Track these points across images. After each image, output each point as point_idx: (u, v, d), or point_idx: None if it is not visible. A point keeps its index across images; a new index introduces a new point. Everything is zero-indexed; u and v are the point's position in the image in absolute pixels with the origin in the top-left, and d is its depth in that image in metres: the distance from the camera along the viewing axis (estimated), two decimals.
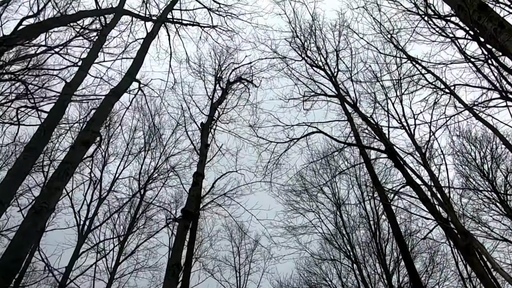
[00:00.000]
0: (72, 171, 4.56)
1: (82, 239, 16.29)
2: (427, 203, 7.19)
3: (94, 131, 5.15)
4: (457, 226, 6.28)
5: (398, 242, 9.48)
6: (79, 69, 6.36)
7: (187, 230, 5.16)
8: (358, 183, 20.84)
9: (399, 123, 15.82)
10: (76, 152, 4.75)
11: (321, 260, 20.87)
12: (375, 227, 19.02)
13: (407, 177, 7.96)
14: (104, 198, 18.23)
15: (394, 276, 18.48)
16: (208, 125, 7.91)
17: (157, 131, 15.38)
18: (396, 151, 8.54)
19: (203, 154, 6.71)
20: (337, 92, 14.56)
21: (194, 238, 10.46)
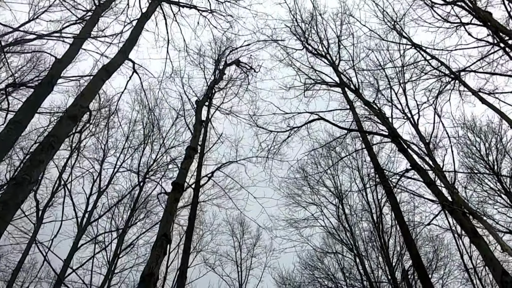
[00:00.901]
0: (58, 145, 4.33)
1: (81, 232, 16.11)
2: (432, 185, 6.93)
3: (83, 106, 4.93)
4: (465, 206, 6.03)
5: (402, 229, 9.22)
6: (71, 46, 6.13)
7: (177, 202, 4.94)
8: (360, 175, 20.60)
9: (403, 113, 15.58)
10: (63, 126, 4.52)
11: (323, 254, 20.60)
12: (377, 219, 18.76)
13: (411, 161, 7.70)
14: (104, 191, 18.05)
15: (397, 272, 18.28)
16: (203, 102, 7.68)
17: (157, 123, 15.14)
18: (399, 134, 8.28)
19: (197, 130, 6.48)
20: (339, 79, 14.31)
21: (193, 227, 10.26)
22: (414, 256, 8.40)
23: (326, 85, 14.57)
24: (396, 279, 17.17)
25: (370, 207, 19.03)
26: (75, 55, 6.20)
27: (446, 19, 12.01)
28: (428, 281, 7.87)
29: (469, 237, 6.15)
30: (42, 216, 14.22)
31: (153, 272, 3.92)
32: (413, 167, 7.54)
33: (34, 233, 13.84)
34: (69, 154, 15.59)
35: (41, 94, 4.98)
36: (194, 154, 5.93)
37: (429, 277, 8.38)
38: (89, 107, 5.12)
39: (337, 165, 21.23)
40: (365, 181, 18.31)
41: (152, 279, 3.86)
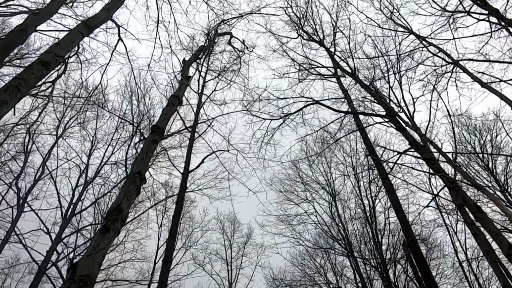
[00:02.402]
0: (25, 89, 3.89)
1: (65, 222, 15.50)
2: (432, 161, 6.58)
3: (57, 55, 4.49)
4: (468, 179, 5.69)
5: (398, 214, 8.86)
6: (51, 2, 5.68)
7: (155, 144, 4.51)
8: (354, 173, 20.28)
9: (398, 106, 15.32)
10: (33, 70, 4.09)
11: (315, 250, 20.16)
12: (371, 216, 18.42)
13: (409, 139, 7.36)
14: (90, 183, 17.49)
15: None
16: (190, 61, 7.26)
17: (146, 111, 14.61)
18: (397, 113, 7.95)
19: (183, 83, 6.07)
20: (334, 69, 14.01)
21: (180, 211, 9.80)
22: (411, 241, 8.03)
23: (321, 76, 14.29)
24: (389, 276, 16.78)
25: (363, 203, 18.68)
26: (54, 12, 5.76)
27: (444, 8, 11.81)
28: (426, 267, 7.50)
29: (472, 213, 5.81)
30: (23, 204, 13.60)
31: (121, 207, 3.48)
32: (411, 145, 7.20)
33: (13, 222, 13.22)
34: (54, 141, 15.02)
35: (12, 40, 4.54)
36: (177, 103, 5.51)
37: (427, 263, 8.01)
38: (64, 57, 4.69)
39: (331, 160, 20.95)
40: (359, 174, 17.93)
41: (120, 215, 3.42)
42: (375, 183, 19.61)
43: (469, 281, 14.96)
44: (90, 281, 2.83)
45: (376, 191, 17.22)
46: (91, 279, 2.86)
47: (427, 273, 7.14)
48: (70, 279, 2.82)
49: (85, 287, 2.78)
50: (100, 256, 3.08)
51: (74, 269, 2.87)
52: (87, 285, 2.79)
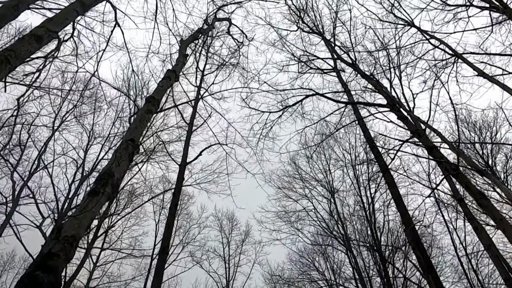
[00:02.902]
0: (15, 61, 3.72)
1: (61, 218, 15.30)
2: (434, 149, 6.45)
3: (50, 30, 4.33)
4: (472, 165, 5.56)
5: (398, 207, 8.71)
6: None
7: (149, 114, 4.34)
8: (354, 172, 20.18)
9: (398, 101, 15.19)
10: (24, 43, 3.92)
11: (314, 247, 20.02)
12: (369, 214, 18.31)
13: (411, 128, 7.23)
14: (86, 178, 17.29)
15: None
16: (188, 41, 7.11)
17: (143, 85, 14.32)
18: (399, 101, 7.82)
19: (180, 60, 5.92)
20: (333, 63, 13.88)
21: (177, 202, 9.65)
22: (413, 234, 7.89)
23: (320, 70, 14.16)
24: (388, 273, 16.64)
25: (362, 200, 18.56)
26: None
27: (445, 2, 11.69)
28: (427, 259, 7.36)
29: (476, 200, 5.67)
30: (18, 197, 13.41)
31: (112, 171, 3.32)
32: (413, 133, 7.07)
33: (8, 215, 13.02)
34: (50, 134, 14.84)
35: (4, 15, 4.37)
36: (173, 77, 5.35)
37: (428, 256, 7.86)
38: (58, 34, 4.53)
39: (330, 157, 20.83)
40: (358, 165, 17.80)
41: (110, 179, 3.26)
42: (374, 181, 19.54)
43: (469, 278, 14.85)
44: (75, 242, 2.66)
45: (376, 185, 17.03)
46: (76, 240, 2.69)
47: (429, 265, 7.00)
48: (54, 239, 2.66)
49: (71, 248, 2.62)
50: (88, 219, 2.92)
51: (59, 229, 2.72)
52: (72, 246, 2.63)
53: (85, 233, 2.90)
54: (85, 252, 13.51)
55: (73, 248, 2.63)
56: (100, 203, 3.08)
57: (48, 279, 2.22)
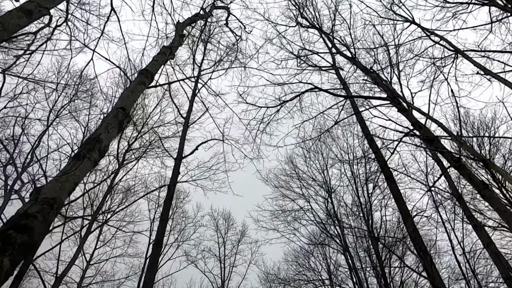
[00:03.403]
0: (2, 33, 3.55)
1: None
2: (436, 141, 6.31)
3: (41, 5, 4.15)
4: (476, 155, 5.42)
5: (397, 203, 8.57)
6: None
7: (142, 86, 4.17)
8: (351, 171, 20.05)
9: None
10: (12, 16, 3.75)
11: (309, 246, 19.83)
12: (367, 213, 18.16)
13: (412, 120, 7.09)
14: None
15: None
16: (184, 24, 6.92)
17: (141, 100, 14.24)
18: (399, 94, 7.69)
19: (176, 39, 5.74)
20: (332, 60, 13.77)
21: (172, 196, 9.46)
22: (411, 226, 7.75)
23: (319, 68, 14.04)
24: (385, 273, 16.48)
25: (360, 199, 18.41)
26: None
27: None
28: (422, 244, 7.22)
29: (479, 191, 5.53)
30: (10, 191, 13.14)
31: (99, 137, 3.14)
32: (414, 126, 6.94)
33: (0, 209, 12.76)
34: (44, 128, 14.60)
35: None
36: (168, 53, 5.18)
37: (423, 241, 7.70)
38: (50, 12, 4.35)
39: (328, 156, 20.69)
40: (355, 160, 17.68)
41: (97, 145, 3.08)
42: (372, 181, 19.41)
43: (466, 279, 14.71)
44: (56, 205, 2.48)
45: (374, 182, 16.89)
46: (57, 203, 2.51)
47: (425, 249, 6.88)
48: (32, 200, 2.47)
49: (51, 210, 2.43)
50: (71, 182, 2.73)
51: (38, 191, 2.53)
52: (52, 208, 2.44)
53: (67, 198, 2.69)
54: (77, 248, 13.26)
55: (53, 211, 2.44)
56: (85, 168, 2.90)
57: (22, 240, 2.03)
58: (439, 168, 11.91)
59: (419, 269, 15.21)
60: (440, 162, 12.44)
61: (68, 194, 2.72)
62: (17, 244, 2.01)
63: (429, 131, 6.59)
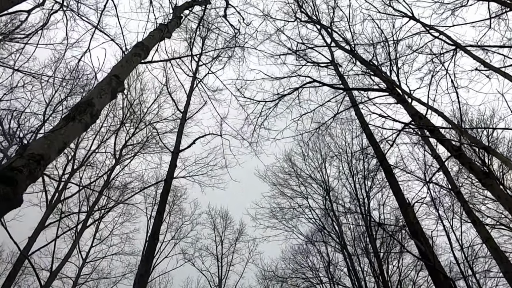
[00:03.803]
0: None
1: (49, 209, 14.90)
2: (436, 131, 6.24)
3: None
4: (476, 143, 5.36)
5: (396, 196, 8.49)
6: None
7: (137, 57, 4.07)
8: (349, 169, 20.01)
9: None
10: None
11: (307, 243, 19.74)
12: (365, 211, 18.11)
13: (412, 111, 7.03)
14: (76, 171, 16.93)
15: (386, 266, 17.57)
16: (182, 8, 6.82)
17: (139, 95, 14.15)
18: (398, 85, 7.64)
19: (174, 20, 5.66)
20: (330, 55, 13.73)
21: (169, 189, 9.37)
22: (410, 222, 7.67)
23: (317, 65, 14.00)
24: (383, 271, 16.42)
25: (358, 197, 18.36)
26: None
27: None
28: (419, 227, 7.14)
29: (480, 179, 5.47)
30: None
31: (92, 101, 3.03)
32: (413, 116, 6.87)
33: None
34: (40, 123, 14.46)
35: None
36: (165, 31, 5.08)
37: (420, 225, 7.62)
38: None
39: (326, 154, 20.63)
40: (353, 153, 17.63)
41: (89, 108, 2.97)
42: (370, 179, 19.37)
43: (465, 277, 14.65)
44: (43, 161, 2.37)
45: (372, 177, 16.82)
46: (44, 159, 2.40)
47: (422, 231, 6.83)
48: (18, 155, 2.36)
49: (37, 166, 2.32)
50: (60, 142, 2.62)
51: (24, 148, 2.42)
52: (39, 164, 2.33)
53: (56, 157, 2.58)
54: (72, 243, 13.13)
55: (40, 167, 2.33)
56: (75, 129, 2.78)
57: (5, 191, 1.93)
58: (438, 164, 11.87)
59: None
60: (438, 158, 12.40)
61: (57, 153, 2.61)
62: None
63: (429, 121, 6.53)
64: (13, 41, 9.98)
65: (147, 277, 7.17)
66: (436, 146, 11.65)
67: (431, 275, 6.33)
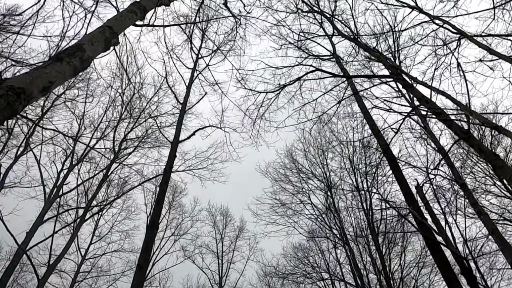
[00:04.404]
0: None
1: (48, 204, 14.72)
2: (443, 114, 6.06)
3: None
4: (486, 122, 5.18)
5: (401, 186, 8.33)
6: None
7: (132, 14, 3.88)
8: (351, 165, 19.81)
9: (397, 91, 14.90)
10: None
11: (309, 241, 19.55)
12: (367, 208, 17.93)
13: (418, 95, 6.84)
14: (75, 166, 16.75)
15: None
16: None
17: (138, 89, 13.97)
18: (404, 70, 7.46)
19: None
20: (332, 48, 13.58)
21: (167, 181, 9.21)
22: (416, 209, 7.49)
23: (319, 58, 13.84)
24: (386, 267, 16.23)
25: (360, 193, 18.17)
26: None
27: None
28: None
29: (490, 161, 5.28)
30: (3, 179, 12.82)
31: (82, 47, 2.83)
32: (420, 100, 6.69)
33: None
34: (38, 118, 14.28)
35: None
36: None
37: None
38: None
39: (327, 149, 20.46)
40: (356, 142, 17.46)
41: (79, 52, 2.78)
42: (371, 175, 19.18)
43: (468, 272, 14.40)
44: (24, 95, 2.16)
45: (374, 170, 16.63)
46: (26, 94, 2.19)
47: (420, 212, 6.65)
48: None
49: (17, 98, 2.12)
50: (44, 79, 2.40)
51: (3, 81, 2.21)
52: (19, 98, 2.13)
53: (39, 95, 2.37)
54: (70, 236, 12.95)
55: (21, 101, 2.12)
56: (63, 71, 2.57)
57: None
58: (441, 156, 11.67)
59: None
60: (442, 150, 12.21)
61: (41, 91, 2.40)
62: None
63: (435, 104, 6.35)
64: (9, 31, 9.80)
65: (146, 267, 6.99)
66: (439, 137, 11.46)
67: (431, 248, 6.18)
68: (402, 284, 17.74)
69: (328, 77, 10.30)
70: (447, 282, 6.45)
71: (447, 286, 6.40)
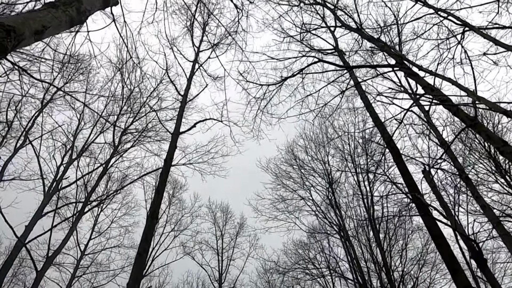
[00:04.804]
0: None
1: (47, 198, 14.61)
2: (448, 101, 5.95)
3: None
4: (495, 108, 5.06)
5: (404, 177, 8.20)
6: None
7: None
8: (352, 162, 19.72)
9: (399, 85, 14.77)
10: None
11: (310, 237, 19.44)
12: (368, 204, 17.83)
13: (423, 83, 6.73)
14: (74, 160, 16.64)
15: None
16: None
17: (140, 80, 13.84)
18: (408, 59, 7.33)
19: None
20: (334, 42, 13.46)
21: (168, 171, 9.10)
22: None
23: (321, 52, 13.72)
24: (387, 262, 16.12)
25: (361, 190, 18.06)
26: None
27: None
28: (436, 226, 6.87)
29: (498, 148, 5.17)
30: (2, 172, 12.71)
31: (86, 10, 2.71)
32: (425, 88, 6.57)
33: None
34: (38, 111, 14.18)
35: None
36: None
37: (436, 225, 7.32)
38: None
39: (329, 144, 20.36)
40: (356, 133, 17.34)
41: (77, 3, 2.66)
42: (372, 172, 19.07)
43: (471, 268, 14.33)
44: (14, 34, 2.04)
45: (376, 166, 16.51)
46: (16, 33, 2.06)
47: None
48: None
49: (6, 36, 1.98)
50: (37, 23, 2.27)
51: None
52: (9, 36, 2.00)
53: (32, 39, 2.26)
54: (69, 230, 12.84)
55: (11, 39, 2.00)
56: (58, 18, 2.46)
57: None
58: (444, 150, 11.56)
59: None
60: (445, 144, 12.09)
61: (34, 34, 2.27)
62: None
63: (440, 91, 6.24)
64: None
65: (146, 256, 6.89)
66: (442, 132, 11.35)
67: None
68: (403, 281, 17.66)
69: (331, 70, 10.21)
70: (452, 273, 6.34)
71: (452, 277, 6.29)
